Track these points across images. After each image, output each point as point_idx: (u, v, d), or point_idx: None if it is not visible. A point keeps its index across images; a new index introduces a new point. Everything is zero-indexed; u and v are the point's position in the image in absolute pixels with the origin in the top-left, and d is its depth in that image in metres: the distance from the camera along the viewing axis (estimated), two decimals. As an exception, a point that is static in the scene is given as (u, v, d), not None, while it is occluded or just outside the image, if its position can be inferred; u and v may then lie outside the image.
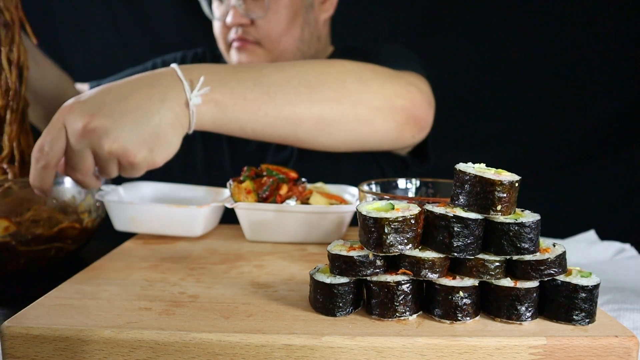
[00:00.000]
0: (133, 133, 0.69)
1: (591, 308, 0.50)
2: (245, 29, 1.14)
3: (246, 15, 1.12)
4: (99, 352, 0.48)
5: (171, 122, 0.73)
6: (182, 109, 0.74)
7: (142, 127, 0.70)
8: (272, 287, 0.61)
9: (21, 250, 0.78)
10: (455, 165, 0.54)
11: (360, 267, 0.51)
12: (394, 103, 0.94)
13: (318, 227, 0.79)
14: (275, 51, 1.16)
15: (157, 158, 0.73)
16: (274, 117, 0.82)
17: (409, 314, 0.51)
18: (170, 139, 0.74)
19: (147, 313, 0.53)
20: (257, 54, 1.16)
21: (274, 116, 0.82)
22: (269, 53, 1.16)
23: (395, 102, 0.94)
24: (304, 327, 0.50)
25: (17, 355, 0.49)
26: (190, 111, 0.75)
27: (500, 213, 0.51)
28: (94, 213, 0.87)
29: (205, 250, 0.77)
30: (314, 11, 1.21)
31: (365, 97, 0.90)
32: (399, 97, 0.94)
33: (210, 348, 0.48)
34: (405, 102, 0.95)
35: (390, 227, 0.50)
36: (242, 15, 1.12)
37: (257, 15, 1.12)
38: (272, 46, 1.16)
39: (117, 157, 0.70)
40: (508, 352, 0.47)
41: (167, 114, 0.72)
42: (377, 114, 0.92)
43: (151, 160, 0.73)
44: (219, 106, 0.78)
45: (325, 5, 1.24)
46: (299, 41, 1.18)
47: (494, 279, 0.52)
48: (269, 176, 0.81)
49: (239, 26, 1.14)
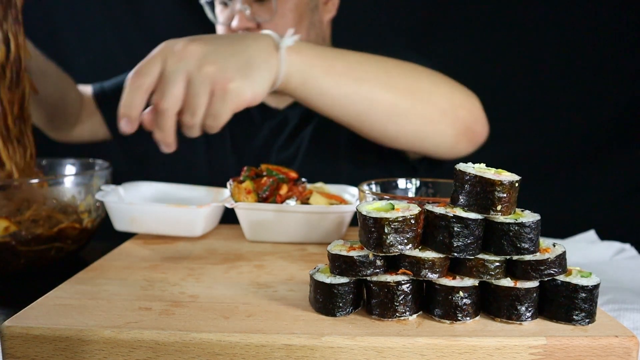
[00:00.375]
0: (230, 58, 0.73)
1: (591, 308, 0.50)
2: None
3: (252, 20, 1.10)
4: (99, 352, 0.48)
5: (264, 58, 0.77)
6: (273, 50, 0.79)
7: (239, 54, 0.74)
8: (272, 287, 0.61)
9: (21, 250, 0.78)
10: (455, 165, 0.54)
11: (360, 267, 0.51)
12: (458, 111, 0.95)
13: (318, 227, 0.79)
14: None
15: (248, 90, 0.75)
16: (353, 91, 0.86)
17: (409, 314, 0.51)
18: (263, 75, 0.76)
19: (147, 313, 0.53)
20: None
21: (353, 90, 0.86)
22: None
23: (458, 111, 0.95)
24: (304, 327, 0.50)
25: (17, 355, 0.49)
26: (280, 55, 0.78)
27: (500, 213, 0.51)
28: (94, 213, 0.87)
29: (205, 250, 0.77)
30: (318, 12, 1.20)
31: (435, 98, 0.92)
32: (462, 107, 0.96)
33: (210, 348, 0.48)
34: (467, 114, 0.97)
35: (390, 227, 0.50)
36: (248, 19, 1.10)
37: (263, 19, 1.11)
38: None
39: (211, 80, 0.72)
40: (508, 352, 0.47)
41: (261, 49, 0.77)
42: (443, 117, 0.94)
43: (242, 92, 0.74)
44: (306, 62, 0.81)
45: (328, 5, 1.23)
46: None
47: (494, 279, 0.52)
48: (269, 176, 0.81)
49: (245, 31, 1.12)
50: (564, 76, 1.65)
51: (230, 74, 0.73)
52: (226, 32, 1.16)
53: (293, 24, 1.13)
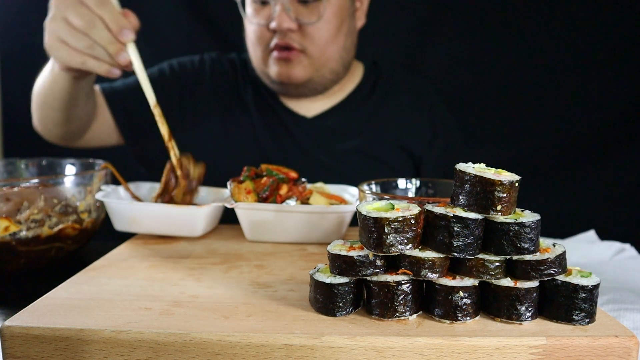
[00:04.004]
0: None
1: (591, 308, 0.50)
2: (290, 35, 1.10)
3: (295, 20, 1.08)
4: (99, 352, 0.48)
5: None
6: None
7: None
8: (272, 287, 0.61)
9: (21, 250, 0.78)
10: (455, 165, 0.54)
11: (360, 267, 0.51)
12: None
13: (318, 227, 0.79)
14: (321, 59, 1.14)
15: None
16: None
17: (409, 314, 0.51)
18: None
19: (147, 313, 0.53)
20: (303, 64, 1.13)
21: None
22: (314, 62, 1.14)
23: None
24: (304, 327, 0.50)
25: (17, 355, 0.49)
26: None
27: (500, 213, 0.51)
28: (94, 213, 0.87)
29: (205, 250, 0.77)
30: (354, 20, 1.20)
31: None
32: None
33: (210, 348, 0.48)
34: None
35: (390, 227, 0.50)
36: (291, 19, 1.07)
37: (309, 21, 1.09)
38: (318, 54, 1.13)
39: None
40: (508, 352, 0.47)
41: None
42: None
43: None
44: None
45: (358, 13, 1.23)
46: (342, 49, 1.16)
47: (494, 279, 0.52)
48: (269, 176, 0.81)
49: (287, 32, 1.09)
50: (564, 76, 1.66)
51: None
52: (263, 31, 1.12)
53: (335, 28, 1.12)
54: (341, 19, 1.13)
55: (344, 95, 1.27)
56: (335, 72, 1.19)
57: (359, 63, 1.32)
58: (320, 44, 1.12)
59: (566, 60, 1.65)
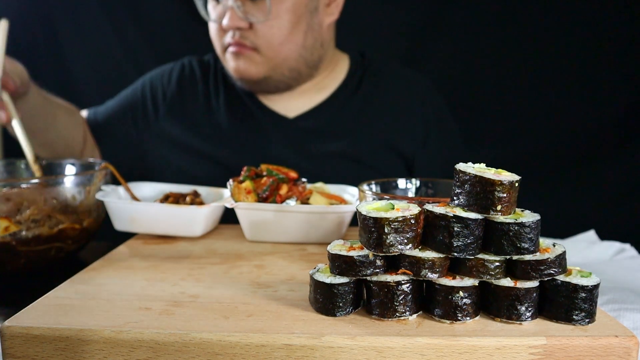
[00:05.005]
0: None
1: (591, 308, 0.50)
2: (242, 33, 1.07)
3: (245, 19, 1.05)
4: (99, 352, 0.48)
5: None
6: None
7: None
8: (272, 287, 0.61)
9: (21, 250, 0.78)
10: (455, 165, 0.54)
11: (360, 267, 0.51)
12: None
13: (318, 227, 0.79)
14: (275, 59, 1.10)
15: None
16: None
17: (409, 314, 0.51)
18: None
19: (147, 313, 0.53)
20: (255, 61, 1.10)
21: None
22: (268, 61, 1.10)
23: None
24: (304, 327, 0.50)
25: (17, 355, 0.49)
26: None
27: (500, 213, 0.51)
28: (94, 213, 0.87)
29: (205, 250, 0.76)
30: (318, 15, 1.13)
31: None
32: None
33: (210, 348, 0.48)
34: None
35: (390, 227, 0.50)
36: (240, 18, 1.05)
37: (257, 19, 1.06)
38: (271, 54, 1.09)
39: None
40: (508, 352, 0.47)
41: None
42: None
43: None
44: None
45: (331, 8, 1.16)
46: (301, 48, 1.11)
47: (494, 279, 0.52)
48: (269, 176, 0.81)
49: (237, 30, 1.07)
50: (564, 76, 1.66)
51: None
52: (218, 30, 1.11)
53: (289, 26, 1.08)
54: (297, 16, 1.09)
55: (328, 92, 1.21)
56: (297, 71, 1.15)
57: (345, 55, 1.27)
58: (273, 43, 1.08)
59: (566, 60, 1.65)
